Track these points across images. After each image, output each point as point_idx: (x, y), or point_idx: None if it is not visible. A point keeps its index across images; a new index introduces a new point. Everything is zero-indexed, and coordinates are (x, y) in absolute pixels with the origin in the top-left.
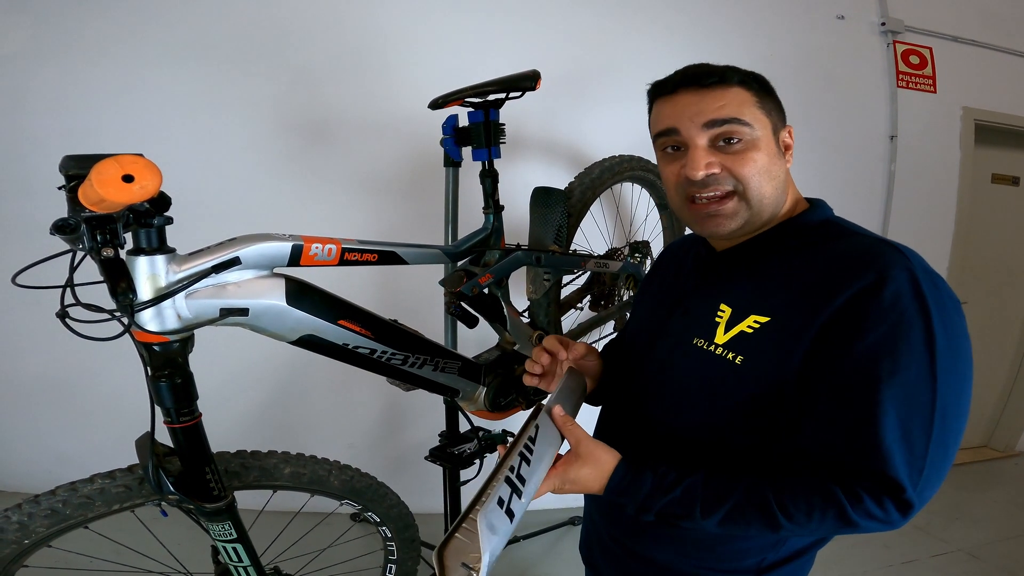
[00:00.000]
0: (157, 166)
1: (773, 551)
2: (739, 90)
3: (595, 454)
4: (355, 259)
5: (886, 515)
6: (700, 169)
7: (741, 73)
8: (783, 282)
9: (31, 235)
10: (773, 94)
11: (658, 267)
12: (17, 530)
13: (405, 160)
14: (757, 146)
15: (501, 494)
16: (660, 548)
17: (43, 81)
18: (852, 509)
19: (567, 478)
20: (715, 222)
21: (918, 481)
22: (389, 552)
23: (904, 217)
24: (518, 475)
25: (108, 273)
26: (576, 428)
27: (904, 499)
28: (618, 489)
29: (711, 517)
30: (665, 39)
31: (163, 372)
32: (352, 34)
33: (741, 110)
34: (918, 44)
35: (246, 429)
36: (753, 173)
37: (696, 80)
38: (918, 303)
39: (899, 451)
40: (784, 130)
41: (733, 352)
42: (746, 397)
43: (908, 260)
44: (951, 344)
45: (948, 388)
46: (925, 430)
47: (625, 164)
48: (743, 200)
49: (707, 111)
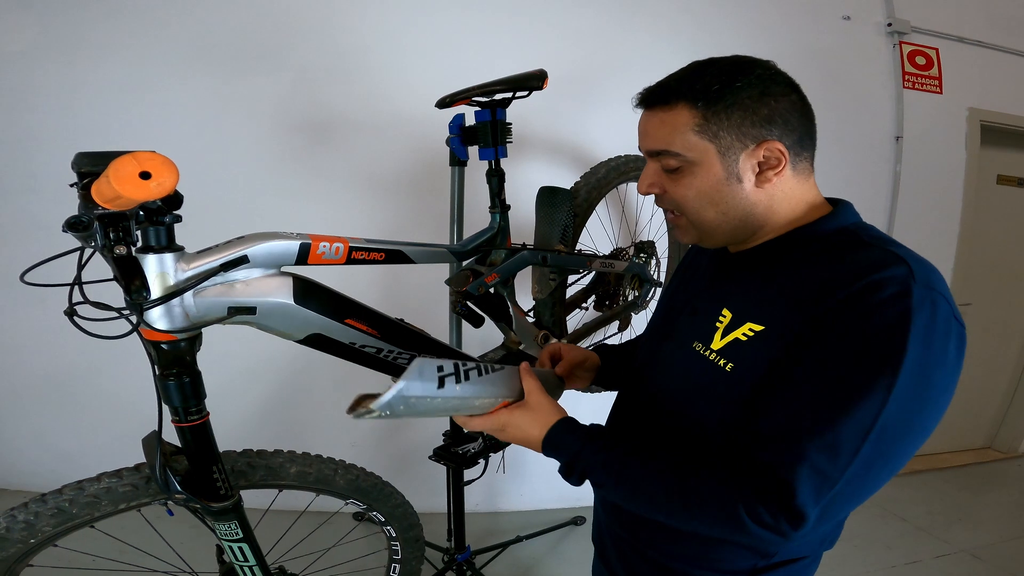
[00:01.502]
0: (174, 163)
1: (767, 556)
2: (681, 111)
3: (543, 405)
4: (362, 258)
5: (775, 523)
6: (641, 189)
7: (694, 89)
8: (783, 292)
9: (35, 233)
10: (740, 107)
11: (682, 265)
12: (23, 529)
13: (409, 159)
14: (693, 172)
15: (444, 364)
16: (656, 544)
17: (47, 80)
18: (745, 508)
19: (511, 420)
20: (676, 234)
21: (826, 494)
22: (393, 551)
23: (909, 218)
24: (466, 372)
25: (122, 271)
26: (533, 380)
27: (795, 506)
28: (552, 443)
29: (619, 489)
30: (670, 39)
31: (171, 371)
32: (356, 33)
33: (671, 139)
34: (924, 45)
35: (248, 428)
36: (688, 199)
37: (645, 101)
38: (899, 318)
39: (816, 457)
40: (754, 148)
41: (725, 359)
42: (735, 405)
43: (911, 275)
44: (924, 370)
45: (899, 410)
46: (855, 444)
47: (631, 164)
48: (688, 220)
49: (647, 139)
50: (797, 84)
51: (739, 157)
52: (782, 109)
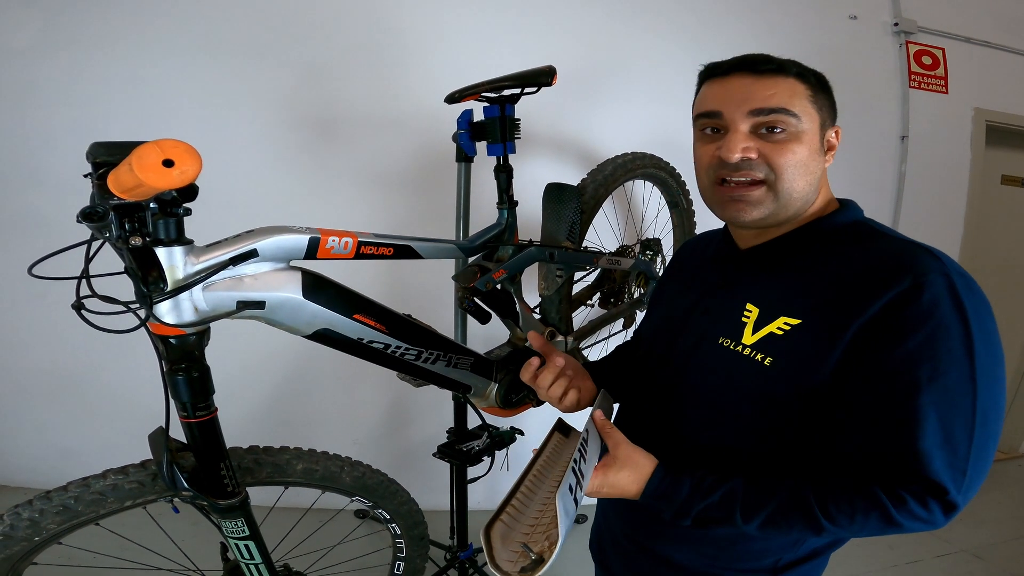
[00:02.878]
0: (197, 151)
1: (791, 551)
2: (794, 81)
3: (633, 458)
4: (371, 252)
5: (930, 515)
6: (736, 152)
7: (800, 67)
8: (814, 283)
9: (38, 229)
10: (829, 92)
11: (674, 267)
12: (28, 527)
13: (415, 155)
14: (800, 139)
15: (570, 482)
16: (678, 548)
17: (52, 75)
18: (896, 510)
19: (607, 481)
20: (737, 207)
21: (962, 482)
22: (398, 549)
23: (914, 217)
24: (579, 469)
25: (139, 262)
26: (616, 432)
27: (948, 500)
28: (656, 494)
29: (752, 521)
30: (675, 38)
31: (180, 366)
32: (362, 29)
33: (792, 101)
34: (930, 45)
35: (251, 425)
36: (789, 164)
37: (752, 66)
38: (956, 308)
39: (941, 454)
40: (832, 129)
41: (762, 353)
42: (771, 399)
43: (944, 264)
44: (988, 348)
45: (987, 391)
46: (967, 433)
47: (638, 161)
48: (772, 191)
49: (756, 98)
50: None
51: (827, 133)
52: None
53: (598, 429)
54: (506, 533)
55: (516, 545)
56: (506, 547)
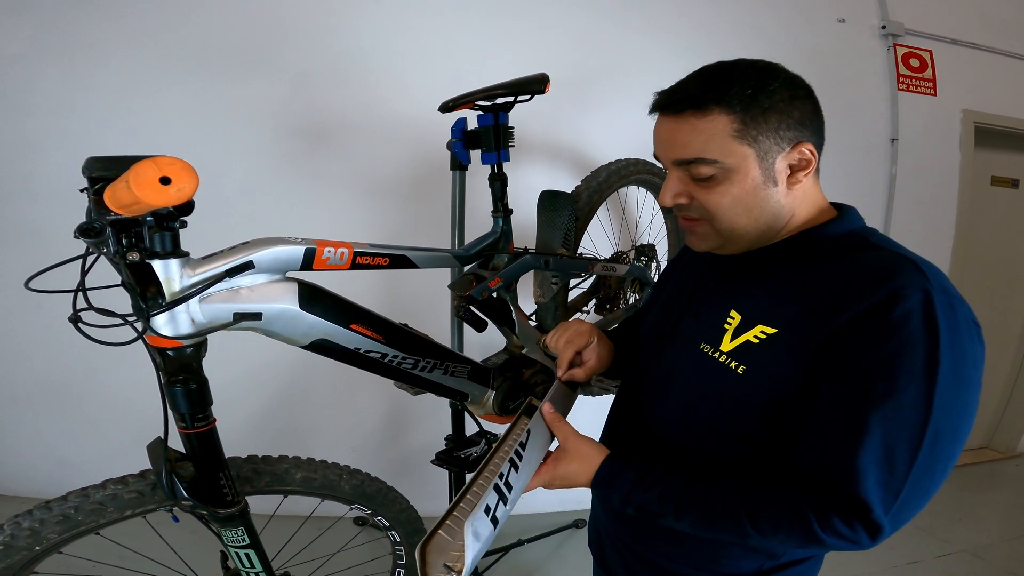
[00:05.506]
0: (194, 168)
1: (772, 559)
2: (716, 117)
3: (582, 450)
4: (367, 263)
5: (854, 535)
6: (667, 200)
7: (730, 91)
8: (796, 294)
9: (32, 238)
10: (776, 110)
11: (674, 267)
12: (28, 536)
13: (409, 164)
14: (730, 178)
15: (488, 501)
16: (660, 549)
17: (44, 84)
18: (819, 527)
19: (556, 474)
20: (689, 240)
21: (892, 504)
22: (398, 556)
23: (905, 219)
24: (506, 482)
25: (136, 277)
26: (564, 425)
27: (872, 520)
28: (603, 483)
29: (684, 519)
30: (667, 42)
31: (178, 377)
32: (356, 37)
33: (707, 147)
34: (918, 47)
35: (250, 434)
36: (721, 206)
37: (670, 107)
38: (927, 326)
39: (876, 472)
40: (789, 151)
41: (736, 361)
42: (744, 407)
43: (927, 280)
44: (957, 371)
45: (944, 414)
46: (910, 454)
47: (631, 168)
48: (713, 228)
49: (676, 146)
50: (810, 86)
51: (775, 160)
52: (808, 111)
53: (547, 423)
54: (443, 546)
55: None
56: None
